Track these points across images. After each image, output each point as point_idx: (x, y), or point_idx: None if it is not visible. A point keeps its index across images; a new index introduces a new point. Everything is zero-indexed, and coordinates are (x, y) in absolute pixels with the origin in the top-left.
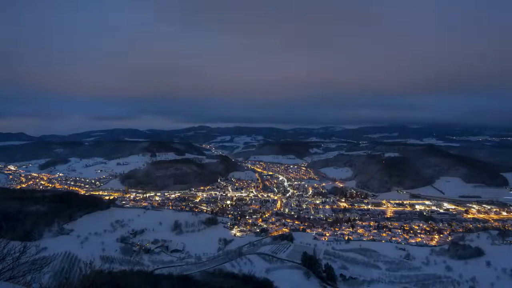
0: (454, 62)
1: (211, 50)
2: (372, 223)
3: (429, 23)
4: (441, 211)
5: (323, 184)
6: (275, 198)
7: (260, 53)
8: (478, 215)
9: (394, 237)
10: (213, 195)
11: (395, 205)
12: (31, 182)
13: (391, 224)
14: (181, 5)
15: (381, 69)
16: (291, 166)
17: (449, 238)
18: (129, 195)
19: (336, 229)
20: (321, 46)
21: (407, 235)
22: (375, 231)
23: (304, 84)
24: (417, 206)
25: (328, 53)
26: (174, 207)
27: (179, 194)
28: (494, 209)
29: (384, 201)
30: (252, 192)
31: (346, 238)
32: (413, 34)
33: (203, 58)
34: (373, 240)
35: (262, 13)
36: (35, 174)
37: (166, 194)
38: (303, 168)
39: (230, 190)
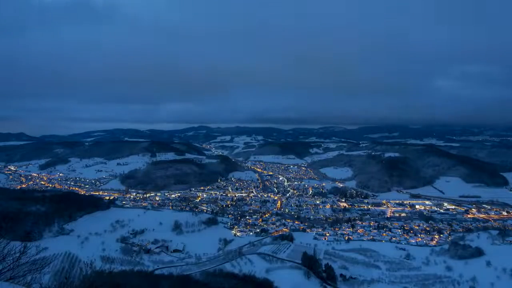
0: None
1: None
2: (372, 223)
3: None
4: (441, 211)
5: (323, 184)
6: (275, 198)
7: None
8: (478, 215)
9: (394, 237)
10: (213, 195)
11: (395, 205)
12: (31, 182)
13: (391, 224)
14: None
15: None
16: (291, 166)
17: (449, 238)
18: (129, 195)
19: (336, 229)
20: None
21: (407, 235)
22: (375, 231)
23: None
24: (417, 206)
25: None
26: (174, 207)
27: (179, 194)
28: (494, 209)
29: (384, 201)
30: (252, 192)
31: (346, 238)
32: None
33: None
34: (373, 240)
35: None
36: (35, 174)
37: (166, 194)
38: (303, 168)
39: (230, 190)
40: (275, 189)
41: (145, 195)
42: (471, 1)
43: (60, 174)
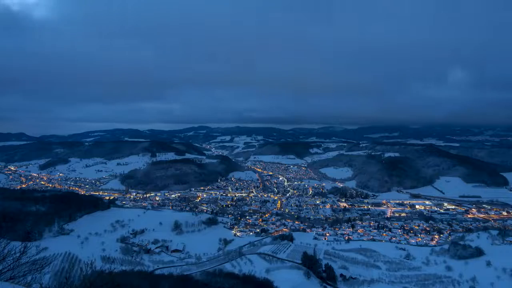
0: None
1: None
2: (372, 223)
3: None
4: (441, 211)
5: (323, 184)
6: (275, 198)
7: None
8: (478, 215)
9: (394, 237)
10: (213, 195)
11: (395, 205)
12: (31, 182)
13: (391, 224)
14: None
15: None
16: (291, 166)
17: (449, 238)
18: (129, 195)
19: (336, 229)
20: None
21: (407, 235)
22: (375, 231)
23: None
24: (417, 206)
25: None
26: (174, 207)
27: (179, 194)
28: (494, 209)
29: (384, 201)
30: (252, 192)
31: (346, 238)
32: None
33: None
34: (373, 240)
35: None
36: (35, 174)
37: (166, 194)
38: (303, 168)
39: (230, 190)
40: (275, 189)
41: (145, 195)
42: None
43: (60, 174)
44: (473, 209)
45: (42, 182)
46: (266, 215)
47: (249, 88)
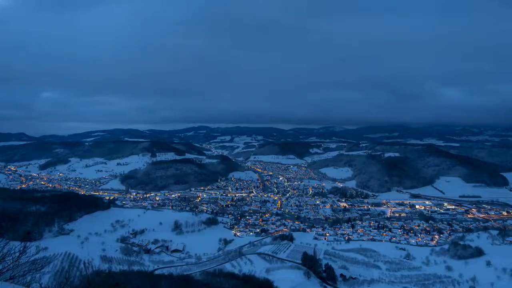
0: None
1: None
2: (372, 223)
3: None
4: (441, 211)
5: (323, 184)
6: (275, 198)
7: None
8: (478, 215)
9: (394, 237)
10: (213, 195)
11: (395, 205)
12: (31, 182)
13: (391, 224)
14: None
15: None
16: (291, 166)
17: (449, 238)
18: (129, 195)
19: (336, 229)
20: None
21: (407, 235)
22: (375, 231)
23: None
24: (417, 206)
25: None
26: (174, 207)
27: (179, 194)
28: (494, 209)
29: (384, 201)
30: (252, 192)
31: (346, 238)
32: None
33: None
34: (373, 240)
35: None
36: (35, 174)
37: (166, 194)
38: (303, 168)
39: (230, 190)
40: (275, 189)
41: (145, 195)
42: None
43: (60, 174)
44: (473, 209)
45: (42, 182)
46: (266, 215)
47: None
